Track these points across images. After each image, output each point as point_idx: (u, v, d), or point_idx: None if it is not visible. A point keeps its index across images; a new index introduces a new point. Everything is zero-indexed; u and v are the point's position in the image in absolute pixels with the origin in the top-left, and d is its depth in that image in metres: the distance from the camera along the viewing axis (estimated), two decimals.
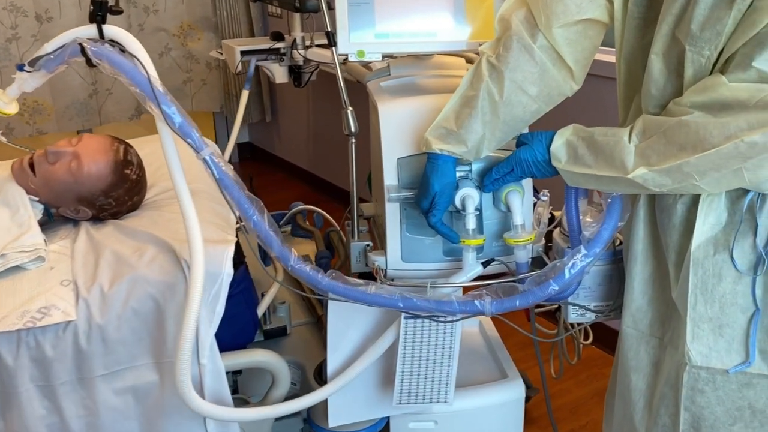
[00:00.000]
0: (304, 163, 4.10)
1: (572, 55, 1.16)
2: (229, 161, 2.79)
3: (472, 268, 1.33)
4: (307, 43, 2.62)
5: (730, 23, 0.95)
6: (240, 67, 2.72)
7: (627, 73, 1.18)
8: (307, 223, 2.26)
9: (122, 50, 1.24)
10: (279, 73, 2.80)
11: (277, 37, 2.72)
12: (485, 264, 1.37)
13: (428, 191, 1.28)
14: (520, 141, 1.25)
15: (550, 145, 1.17)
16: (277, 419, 1.65)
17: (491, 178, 1.29)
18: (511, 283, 1.27)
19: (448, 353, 1.39)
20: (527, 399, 2.24)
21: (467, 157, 1.27)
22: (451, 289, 1.32)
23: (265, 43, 2.70)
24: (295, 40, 2.64)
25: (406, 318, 1.34)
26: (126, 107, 3.82)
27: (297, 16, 2.57)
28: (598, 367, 2.47)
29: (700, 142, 0.98)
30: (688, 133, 0.99)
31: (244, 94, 2.31)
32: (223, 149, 4.57)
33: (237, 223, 1.40)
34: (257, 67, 2.73)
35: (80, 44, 1.22)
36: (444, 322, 1.33)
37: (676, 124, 1.01)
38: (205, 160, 1.21)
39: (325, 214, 2.18)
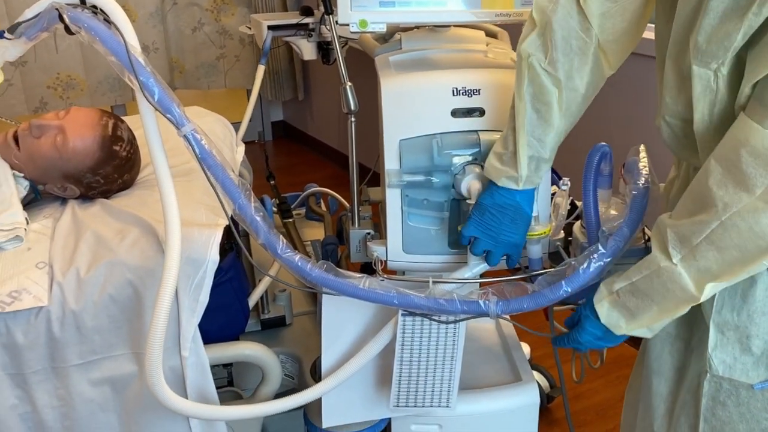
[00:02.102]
0: (335, 143, 4.01)
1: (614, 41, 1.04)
2: (262, 140, 2.73)
3: (477, 263, 1.21)
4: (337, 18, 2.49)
5: (739, 39, 0.81)
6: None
7: (659, 41, 1.04)
8: (323, 206, 2.16)
9: (107, 20, 1.14)
10: (307, 50, 2.70)
11: (306, 11, 2.62)
12: None
13: (527, 223, 1.18)
14: (572, 321, 1.13)
15: (597, 317, 1.05)
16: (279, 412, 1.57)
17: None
18: (520, 281, 1.14)
19: (451, 354, 1.27)
20: (551, 399, 2.11)
21: None
22: (453, 287, 1.20)
23: (295, 18, 2.59)
24: (323, 14, 2.52)
25: (403, 315, 1.23)
26: None
27: None
28: (629, 367, 2.30)
29: (763, 240, 0.83)
30: (740, 234, 0.84)
31: (260, 70, 2.22)
32: (257, 127, 4.54)
33: None
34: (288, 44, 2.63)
35: (57, 9, 1.14)
36: (442, 322, 1.21)
37: (720, 228, 0.86)
38: (185, 137, 1.11)
39: (339, 197, 2.08)
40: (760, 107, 0.81)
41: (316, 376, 1.48)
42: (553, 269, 1.18)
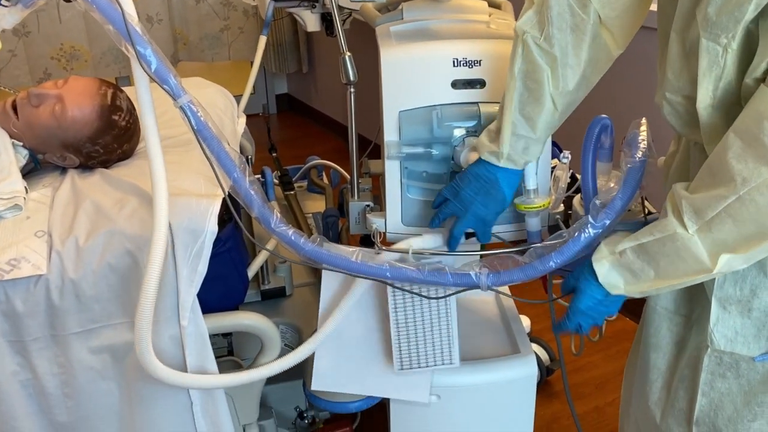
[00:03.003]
0: (340, 116, 3.99)
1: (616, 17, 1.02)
2: (266, 113, 2.73)
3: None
4: None
5: (751, 9, 0.79)
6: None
7: (661, 15, 1.02)
8: (324, 178, 2.16)
9: None
10: (311, 21, 2.65)
11: None
12: (469, 235, 1.24)
13: (503, 206, 1.18)
14: (567, 286, 1.11)
15: (595, 278, 1.02)
16: (279, 382, 1.58)
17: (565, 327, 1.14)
18: (510, 254, 1.14)
19: (446, 312, 1.28)
20: (550, 372, 2.13)
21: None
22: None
23: None
24: None
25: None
26: (164, 53, 3.75)
27: None
28: (629, 341, 2.31)
29: None
30: (759, 209, 0.82)
31: (262, 40, 2.19)
32: (262, 100, 4.52)
33: None
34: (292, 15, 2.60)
35: None
36: (424, 296, 1.22)
37: (737, 202, 0.83)
38: (182, 109, 1.10)
39: (341, 169, 2.07)
40: None
41: None
42: (545, 241, 1.18)
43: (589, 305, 1.05)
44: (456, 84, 1.24)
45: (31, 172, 1.42)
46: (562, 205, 1.33)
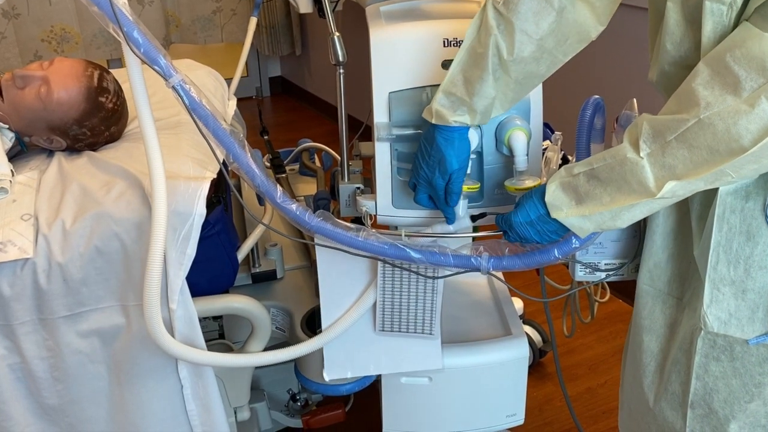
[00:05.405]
0: (333, 99, 3.96)
1: None
2: (260, 96, 2.72)
3: (457, 218, 1.20)
4: None
5: None
6: None
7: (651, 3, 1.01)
8: (317, 161, 2.15)
9: None
10: (303, 2, 2.61)
11: None
12: (476, 218, 1.23)
13: (446, 168, 1.14)
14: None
15: (542, 197, 1.02)
16: (271, 365, 1.58)
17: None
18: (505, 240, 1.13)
19: (432, 287, 1.28)
20: (543, 354, 2.13)
21: (479, 123, 1.14)
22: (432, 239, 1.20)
23: None
24: None
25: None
26: (156, 36, 3.72)
27: None
28: (623, 323, 2.33)
29: (736, 142, 0.81)
30: (715, 134, 0.82)
31: (252, 22, 2.16)
32: (255, 83, 4.48)
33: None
34: None
35: None
36: (429, 277, 1.21)
37: (696, 126, 0.84)
38: (174, 88, 1.08)
39: (332, 152, 2.06)
40: (762, 20, 0.80)
41: (309, 329, 1.49)
42: None
43: (519, 221, 1.05)
44: (446, 64, 1.22)
45: (17, 155, 1.40)
46: None
